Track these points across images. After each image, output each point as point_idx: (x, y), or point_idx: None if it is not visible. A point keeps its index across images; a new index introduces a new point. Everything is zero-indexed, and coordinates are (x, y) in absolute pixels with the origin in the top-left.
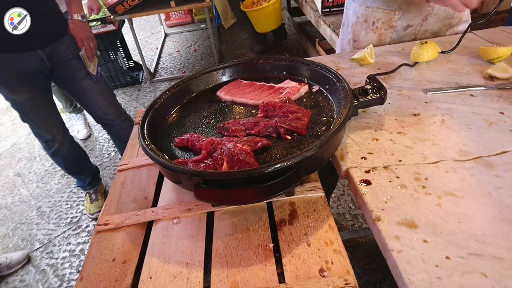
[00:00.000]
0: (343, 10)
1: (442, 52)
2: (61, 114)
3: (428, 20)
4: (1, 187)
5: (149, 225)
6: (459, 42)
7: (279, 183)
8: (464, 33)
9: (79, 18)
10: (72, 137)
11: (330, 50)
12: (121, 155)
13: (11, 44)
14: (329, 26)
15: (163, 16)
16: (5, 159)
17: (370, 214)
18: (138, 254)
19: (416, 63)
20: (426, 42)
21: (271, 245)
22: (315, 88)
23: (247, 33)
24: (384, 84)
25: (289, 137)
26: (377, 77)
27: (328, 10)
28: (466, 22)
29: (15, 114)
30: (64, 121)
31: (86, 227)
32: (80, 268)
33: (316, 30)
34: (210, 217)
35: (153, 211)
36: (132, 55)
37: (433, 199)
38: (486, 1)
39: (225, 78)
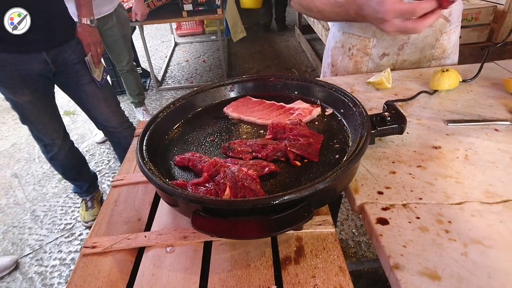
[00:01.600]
0: None
1: (464, 81)
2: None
3: (405, 49)
4: None
5: (140, 251)
6: (479, 71)
7: (287, 217)
8: (484, 61)
9: (88, 22)
10: (72, 142)
11: None
12: (121, 163)
13: (15, 45)
14: None
15: (174, 25)
16: (3, 159)
17: (387, 260)
18: (125, 285)
19: (435, 91)
20: (447, 70)
21: (274, 287)
22: (329, 111)
23: (258, 46)
24: (402, 111)
25: (299, 164)
26: (394, 103)
27: None
28: (454, 54)
29: None
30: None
31: (79, 235)
32: (69, 279)
33: None
34: (207, 247)
35: (145, 236)
36: (141, 62)
37: (457, 247)
38: (502, 30)
39: (233, 94)
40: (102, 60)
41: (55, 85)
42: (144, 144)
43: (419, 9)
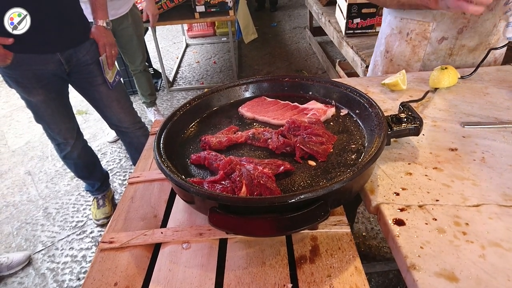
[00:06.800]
0: (367, 32)
1: (462, 77)
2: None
3: (464, 33)
4: (10, 184)
5: (156, 248)
6: (476, 68)
7: (303, 216)
8: (482, 60)
9: (104, 24)
10: (85, 142)
11: (351, 72)
12: (132, 163)
13: (30, 46)
14: (352, 48)
15: (185, 27)
16: (17, 157)
17: (404, 260)
18: (142, 280)
19: (436, 89)
20: (446, 68)
21: (290, 286)
22: (343, 111)
23: (268, 48)
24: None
25: (314, 163)
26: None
27: (352, 32)
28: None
29: None
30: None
31: (91, 232)
32: (80, 276)
33: (337, 50)
34: (222, 244)
35: (162, 232)
36: (153, 63)
37: (475, 249)
38: None
39: (248, 94)
40: (116, 63)
41: (70, 86)
42: (161, 142)
43: None
